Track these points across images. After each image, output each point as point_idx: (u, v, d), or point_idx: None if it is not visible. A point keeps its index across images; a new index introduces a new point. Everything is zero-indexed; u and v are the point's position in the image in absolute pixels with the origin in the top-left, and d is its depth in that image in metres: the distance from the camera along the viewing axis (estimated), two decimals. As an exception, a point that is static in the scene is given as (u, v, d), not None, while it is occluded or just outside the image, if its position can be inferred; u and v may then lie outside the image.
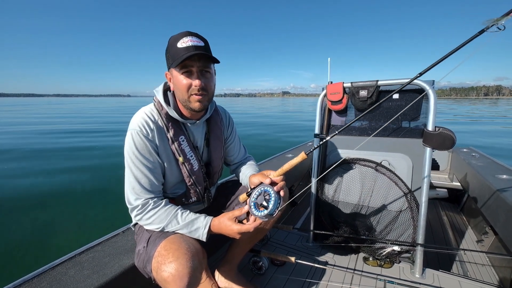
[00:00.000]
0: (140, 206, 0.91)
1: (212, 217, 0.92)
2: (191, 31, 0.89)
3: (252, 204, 0.85)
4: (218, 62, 0.93)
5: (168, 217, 0.90)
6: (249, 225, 0.85)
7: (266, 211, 0.80)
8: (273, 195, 0.83)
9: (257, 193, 0.86)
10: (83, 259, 1.06)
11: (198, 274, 0.80)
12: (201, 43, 0.89)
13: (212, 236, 0.92)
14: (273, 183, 0.88)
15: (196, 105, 0.93)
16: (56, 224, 3.28)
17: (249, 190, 0.94)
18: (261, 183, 0.90)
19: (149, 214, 0.90)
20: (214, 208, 1.22)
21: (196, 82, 0.89)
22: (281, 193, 0.86)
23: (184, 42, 0.86)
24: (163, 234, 0.89)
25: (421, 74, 0.86)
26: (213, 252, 1.60)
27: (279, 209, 0.82)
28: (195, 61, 0.87)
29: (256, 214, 0.82)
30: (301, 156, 0.86)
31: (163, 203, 0.93)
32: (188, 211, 0.94)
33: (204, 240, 0.89)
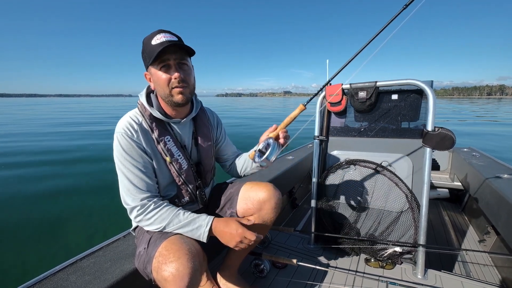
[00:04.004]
0: (139, 207, 0.90)
1: (214, 216, 0.93)
2: (164, 29, 0.92)
3: (256, 153, 0.99)
4: (194, 53, 0.95)
5: (170, 216, 0.90)
6: (252, 234, 0.87)
7: (264, 156, 0.93)
8: (272, 143, 0.95)
9: (261, 145, 1.00)
10: (84, 265, 1.05)
11: (198, 275, 0.80)
12: (175, 38, 0.90)
13: (213, 240, 0.92)
14: (276, 138, 0.99)
15: (179, 97, 0.94)
16: (61, 224, 3.30)
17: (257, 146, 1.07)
18: (266, 138, 1.00)
19: (150, 214, 0.90)
20: (210, 209, 1.22)
21: (175, 75, 0.90)
22: (281, 140, 0.98)
23: (158, 39, 0.87)
24: (163, 235, 0.89)
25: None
26: (214, 256, 1.59)
27: (277, 152, 0.96)
28: (171, 54, 0.89)
29: (257, 160, 0.97)
30: (300, 108, 0.96)
31: (165, 203, 0.94)
32: (190, 211, 0.94)
33: (205, 240, 0.89)
